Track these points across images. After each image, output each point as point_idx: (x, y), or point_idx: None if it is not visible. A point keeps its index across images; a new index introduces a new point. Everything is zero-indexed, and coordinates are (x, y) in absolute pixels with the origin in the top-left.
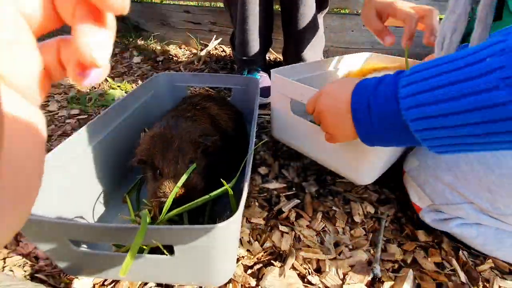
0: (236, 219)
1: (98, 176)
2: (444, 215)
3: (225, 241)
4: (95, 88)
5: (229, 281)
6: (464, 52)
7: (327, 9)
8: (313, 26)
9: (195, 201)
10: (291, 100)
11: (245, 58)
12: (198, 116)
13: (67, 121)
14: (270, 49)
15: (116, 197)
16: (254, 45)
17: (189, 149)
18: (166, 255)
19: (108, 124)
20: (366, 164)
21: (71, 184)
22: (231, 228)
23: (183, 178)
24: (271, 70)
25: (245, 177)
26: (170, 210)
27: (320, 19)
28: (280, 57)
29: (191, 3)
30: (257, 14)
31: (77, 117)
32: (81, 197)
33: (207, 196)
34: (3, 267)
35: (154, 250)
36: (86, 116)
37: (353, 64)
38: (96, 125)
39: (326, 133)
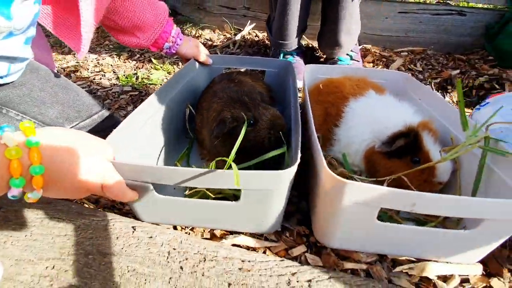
0: (295, 167)
1: (157, 142)
2: None
3: (285, 186)
4: (139, 68)
5: None
6: None
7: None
8: (352, 11)
9: (258, 158)
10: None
11: (281, 41)
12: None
13: (121, 96)
14: (303, 35)
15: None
16: (292, 29)
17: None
18: (231, 199)
19: (160, 101)
20: None
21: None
22: (290, 174)
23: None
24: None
25: (293, 131)
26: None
27: (357, 5)
28: (312, 43)
29: None
30: (296, 3)
31: (129, 93)
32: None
33: (270, 153)
34: (96, 209)
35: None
36: (137, 92)
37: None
38: (152, 102)
39: None
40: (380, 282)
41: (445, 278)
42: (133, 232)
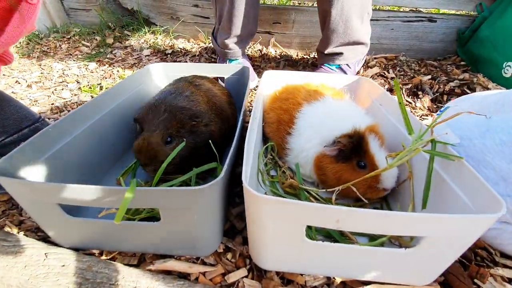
0: (216, 183)
1: (90, 159)
2: None
3: (206, 204)
4: (106, 78)
5: None
6: None
7: (369, 15)
8: (347, 31)
9: (190, 172)
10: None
11: (227, 50)
12: (195, 94)
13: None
14: (276, 42)
15: (110, 180)
16: (238, 38)
17: (170, 125)
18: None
19: (97, 110)
20: None
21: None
22: (211, 191)
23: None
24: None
25: (231, 150)
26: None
27: (363, 25)
28: (286, 51)
29: None
30: (243, 5)
31: None
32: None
33: (201, 168)
34: (18, 232)
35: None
36: None
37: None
38: (86, 111)
39: None
40: None
41: None
42: (45, 260)
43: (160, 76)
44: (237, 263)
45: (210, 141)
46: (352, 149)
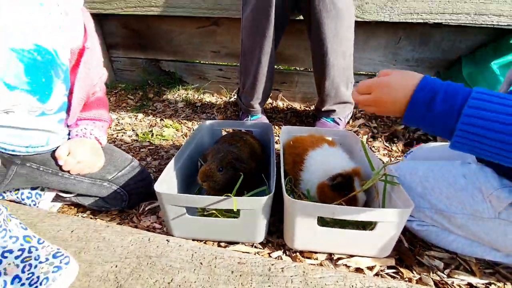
0: (270, 196)
1: (182, 183)
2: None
3: (266, 208)
4: (153, 126)
5: None
6: None
7: (352, 83)
8: (337, 95)
9: (250, 193)
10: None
11: (251, 109)
12: (243, 146)
13: (141, 150)
14: (283, 97)
15: None
16: (260, 99)
17: (223, 161)
18: (235, 218)
19: (181, 156)
20: None
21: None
22: (268, 200)
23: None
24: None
25: (271, 174)
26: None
27: (348, 90)
28: (291, 104)
29: (224, 63)
30: (264, 79)
31: (147, 147)
32: None
33: (257, 190)
34: None
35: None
36: (153, 147)
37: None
38: (178, 156)
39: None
40: (327, 268)
41: (371, 268)
42: (168, 242)
43: (208, 130)
44: (276, 248)
45: (244, 175)
46: (343, 183)
